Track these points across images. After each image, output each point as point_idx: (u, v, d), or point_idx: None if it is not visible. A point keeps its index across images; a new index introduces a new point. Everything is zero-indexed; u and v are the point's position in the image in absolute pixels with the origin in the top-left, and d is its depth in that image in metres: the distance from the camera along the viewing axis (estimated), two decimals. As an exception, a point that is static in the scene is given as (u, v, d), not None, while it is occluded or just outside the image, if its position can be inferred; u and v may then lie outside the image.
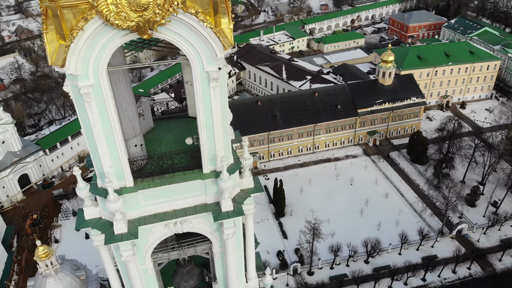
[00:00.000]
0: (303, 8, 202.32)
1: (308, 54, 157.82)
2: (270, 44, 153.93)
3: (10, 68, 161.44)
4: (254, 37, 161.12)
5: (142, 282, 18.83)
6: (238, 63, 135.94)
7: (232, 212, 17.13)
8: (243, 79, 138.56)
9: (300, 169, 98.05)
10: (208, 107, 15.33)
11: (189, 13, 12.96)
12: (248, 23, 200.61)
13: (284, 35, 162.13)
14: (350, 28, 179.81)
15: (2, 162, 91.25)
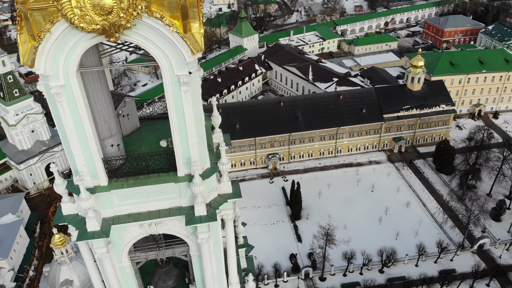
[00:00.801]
0: (336, 9, 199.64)
1: (338, 55, 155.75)
2: (299, 45, 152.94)
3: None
4: (284, 37, 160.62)
5: (119, 279, 19.05)
6: (265, 63, 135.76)
7: (205, 217, 16.99)
8: (270, 79, 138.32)
9: (320, 173, 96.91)
10: (180, 110, 15.25)
11: (154, 17, 12.92)
12: (280, 23, 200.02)
13: (315, 35, 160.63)
14: (384, 30, 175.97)
15: (31, 150, 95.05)
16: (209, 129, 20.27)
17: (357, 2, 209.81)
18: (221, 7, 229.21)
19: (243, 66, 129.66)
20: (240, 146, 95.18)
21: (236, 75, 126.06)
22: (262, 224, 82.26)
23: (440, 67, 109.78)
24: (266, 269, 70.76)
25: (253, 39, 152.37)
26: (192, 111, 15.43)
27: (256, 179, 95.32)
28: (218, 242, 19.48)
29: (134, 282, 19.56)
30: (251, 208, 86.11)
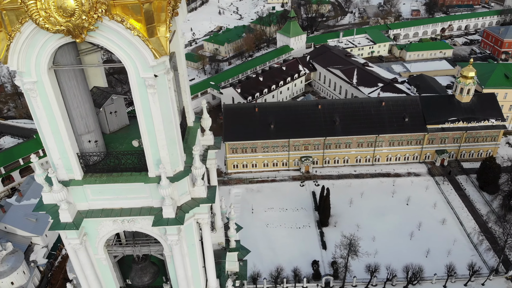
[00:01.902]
0: (392, 12, 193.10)
1: (388, 60, 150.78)
2: (348, 47, 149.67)
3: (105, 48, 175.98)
4: (333, 38, 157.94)
5: (97, 270, 19.66)
6: (309, 64, 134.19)
7: (172, 220, 17.04)
8: (313, 80, 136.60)
9: (354, 180, 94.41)
10: (148, 112, 15.38)
11: (115, 21, 13.12)
12: (331, 24, 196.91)
13: (365, 38, 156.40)
14: (439, 37, 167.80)
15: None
16: (195, 131, 20.31)
17: (414, 6, 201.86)
18: (274, 5, 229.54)
19: (287, 66, 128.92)
20: (274, 147, 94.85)
21: (278, 74, 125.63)
22: (288, 227, 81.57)
23: (493, 79, 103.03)
24: (285, 272, 70.15)
25: (301, 39, 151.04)
26: (160, 114, 15.48)
27: (287, 181, 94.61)
28: (193, 245, 19.56)
29: (111, 274, 20.11)
30: (278, 209, 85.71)
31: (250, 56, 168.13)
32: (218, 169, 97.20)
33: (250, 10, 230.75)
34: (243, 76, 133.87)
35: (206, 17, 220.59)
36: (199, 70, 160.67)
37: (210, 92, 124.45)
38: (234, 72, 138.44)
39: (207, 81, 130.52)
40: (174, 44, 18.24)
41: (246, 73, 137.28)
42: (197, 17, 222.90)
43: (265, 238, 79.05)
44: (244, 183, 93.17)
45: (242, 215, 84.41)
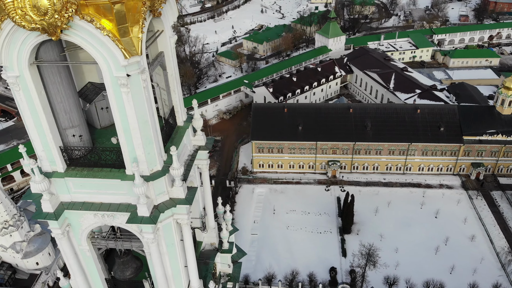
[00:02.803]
0: (439, 17, 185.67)
1: (430, 66, 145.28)
2: (389, 50, 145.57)
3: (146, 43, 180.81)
4: (373, 40, 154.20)
5: (80, 260, 20.20)
6: (346, 66, 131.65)
7: (146, 219, 17.17)
8: (349, 82, 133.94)
9: (383, 189, 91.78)
10: (123, 111, 15.53)
11: (85, 20, 13.36)
12: (374, 26, 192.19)
13: (407, 42, 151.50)
14: (487, 44, 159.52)
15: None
16: (183, 131, 20.34)
17: (463, 11, 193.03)
18: (317, 5, 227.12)
19: (322, 67, 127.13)
20: (301, 148, 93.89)
21: (313, 75, 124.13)
22: (309, 231, 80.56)
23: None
24: (301, 277, 69.37)
25: (339, 41, 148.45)
26: (135, 113, 15.59)
27: (312, 184, 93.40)
28: (172, 244, 19.62)
29: (95, 265, 20.55)
30: (300, 212, 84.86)
31: (288, 55, 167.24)
32: (244, 167, 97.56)
33: (293, 9, 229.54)
34: (277, 75, 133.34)
35: (248, 15, 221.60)
36: (236, 68, 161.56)
37: (243, 90, 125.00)
38: (268, 71, 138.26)
39: (241, 79, 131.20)
40: (163, 43, 18.39)
41: (280, 72, 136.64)
42: (239, 15, 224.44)
43: (284, 240, 78.55)
44: (268, 183, 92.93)
45: (264, 215, 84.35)
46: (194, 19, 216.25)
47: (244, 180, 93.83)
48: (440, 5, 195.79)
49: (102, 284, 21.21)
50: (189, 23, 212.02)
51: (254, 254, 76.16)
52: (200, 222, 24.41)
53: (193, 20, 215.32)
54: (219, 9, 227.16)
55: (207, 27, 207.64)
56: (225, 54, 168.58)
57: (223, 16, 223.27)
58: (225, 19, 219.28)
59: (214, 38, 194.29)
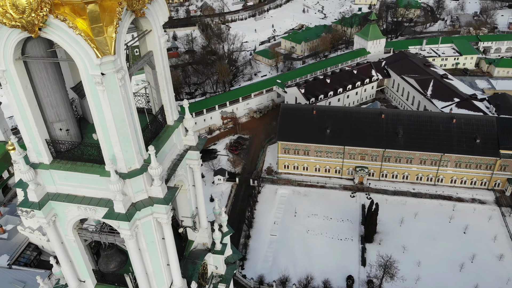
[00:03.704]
0: (486, 23, 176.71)
1: (473, 74, 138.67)
2: (430, 56, 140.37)
3: (186, 39, 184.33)
4: (415, 45, 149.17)
5: (68, 250, 20.83)
6: (384, 70, 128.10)
7: (121, 215, 17.45)
8: (386, 87, 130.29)
9: (411, 199, 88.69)
10: (100, 109, 15.83)
11: (59, 19, 13.71)
12: (419, 30, 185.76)
13: (451, 48, 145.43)
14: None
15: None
16: (172, 130, 20.45)
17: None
18: (361, 7, 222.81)
19: (358, 70, 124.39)
20: (327, 152, 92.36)
21: (348, 78, 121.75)
22: (329, 237, 79.18)
23: None
24: (316, 282, 68.37)
25: (379, 44, 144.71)
26: (111, 111, 15.86)
27: (337, 189, 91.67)
28: (152, 242, 19.84)
29: (81, 255, 21.11)
30: (322, 217, 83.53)
31: (325, 56, 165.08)
32: (270, 167, 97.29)
33: (336, 10, 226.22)
34: (311, 76, 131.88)
35: (289, 15, 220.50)
36: (272, 67, 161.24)
37: (275, 90, 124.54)
38: (303, 72, 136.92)
39: (274, 78, 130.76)
40: (152, 43, 18.62)
41: (315, 73, 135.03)
42: (281, 14, 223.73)
43: (302, 243, 77.66)
44: (292, 185, 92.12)
45: (284, 217, 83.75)
46: (235, 17, 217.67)
47: (268, 180, 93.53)
48: (489, 11, 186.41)
49: (89, 274, 21.75)
50: (230, 21, 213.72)
51: (271, 255, 75.86)
52: (191, 221, 24.61)
53: (234, 18, 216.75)
54: (260, 7, 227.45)
55: (247, 25, 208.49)
56: (262, 53, 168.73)
57: (264, 14, 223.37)
58: (266, 18, 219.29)
59: (254, 37, 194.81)
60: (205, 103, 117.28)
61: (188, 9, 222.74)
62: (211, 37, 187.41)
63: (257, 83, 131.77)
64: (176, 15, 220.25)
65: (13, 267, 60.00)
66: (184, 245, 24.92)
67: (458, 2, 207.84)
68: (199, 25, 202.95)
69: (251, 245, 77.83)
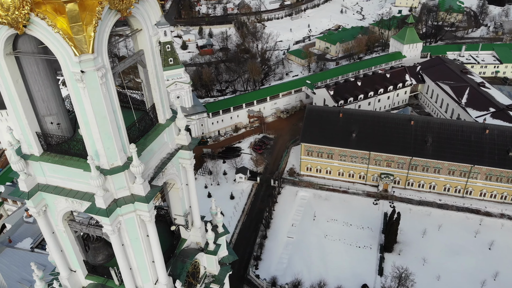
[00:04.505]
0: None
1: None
2: (469, 63, 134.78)
3: (221, 37, 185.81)
4: (454, 50, 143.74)
5: (58, 239, 21.46)
6: (418, 75, 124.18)
7: (101, 210, 17.79)
8: (420, 92, 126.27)
9: (436, 210, 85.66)
10: (82, 105, 16.16)
11: (39, 18, 14.13)
12: (460, 35, 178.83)
13: (491, 56, 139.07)
14: None
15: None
16: (162, 129, 20.55)
17: None
18: (401, 9, 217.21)
19: (392, 73, 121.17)
20: (352, 157, 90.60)
21: (380, 81, 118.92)
22: (347, 244, 77.70)
23: None
24: (328, 287, 67.38)
25: (415, 48, 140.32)
26: (92, 108, 16.15)
27: (360, 196, 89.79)
28: (136, 238, 20.10)
29: (71, 246, 21.70)
30: (342, 223, 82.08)
31: (360, 58, 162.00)
32: (292, 168, 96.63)
33: (375, 12, 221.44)
34: (343, 78, 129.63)
35: (326, 15, 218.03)
36: (304, 67, 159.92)
37: (304, 91, 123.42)
38: (335, 73, 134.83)
39: (305, 79, 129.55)
40: (142, 42, 18.75)
41: (347, 75, 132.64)
42: (317, 14, 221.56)
43: (319, 248, 76.65)
44: (314, 188, 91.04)
45: (303, 220, 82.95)
46: (271, 16, 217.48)
47: (289, 181, 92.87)
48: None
49: (79, 265, 22.30)
50: (266, 19, 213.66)
51: (286, 257, 75.38)
52: (184, 220, 24.77)
53: (270, 17, 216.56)
54: (297, 7, 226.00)
55: (283, 24, 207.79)
56: (295, 52, 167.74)
57: (301, 14, 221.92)
58: (302, 18, 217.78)
59: (288, 36, 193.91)
60: (233, 101, 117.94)
61: (226, 7, 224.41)
62: (246, 35, 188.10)
63: (286, 83, 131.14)
64: (213, 12, 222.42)
65: (35, 250, 62.56)
66: (176, 243, 25.15)
67: (502, 8, 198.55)
68: (235, 23, 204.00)
69: (267, 245, 77.67)
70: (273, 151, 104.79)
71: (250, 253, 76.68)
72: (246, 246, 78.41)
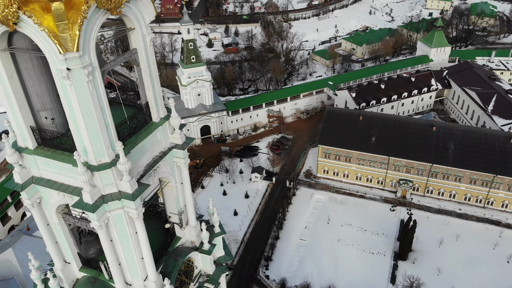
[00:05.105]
0: None
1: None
2: (498, 69, 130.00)
3: (247, 35, 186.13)
4: (483, 56, 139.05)
5: (53, 231, 21.98)
6: (445, 80, 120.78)
7: (87, 206, 18.08)
8: (446, 98, 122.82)
9: (455, 220, 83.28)
10: (70, 102, 16.48)
11: (26, 16, 14.48)
12: (491, 40, 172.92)
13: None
14: None
15: (193, 110, 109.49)
16: (154, 127, 20.68)
17: None
18: (432, 12, 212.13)
19: (417, 77, 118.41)
20: (371, 161, 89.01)
21: (404, 85, 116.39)
22: (360, 249, 76.47)
23: None
24: (337, 292, 66.61)
25: (443, 52, 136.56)
26: (79, 105, 16.42)
27: (377, 201, 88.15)
28: (125, 235, 20.34)
29: (65, 238, 22.18)
30: (356, 228, 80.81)
31: (386, 61, 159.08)
32: (309, 170, 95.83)
33: (405, 14, 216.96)
34: (366, 80, 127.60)
35: (354, 16, 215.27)
36: (328, 68, 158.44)
37: (326, 92, 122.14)
38: (359, 75, 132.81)
39: (327, 79, 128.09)
40: (135, 41, 18.92)
41: (371, 77, 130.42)
42: (345, 14, 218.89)
43: (331, 252, 75.75)
44: (330, 191, 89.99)
45: (317, 223, 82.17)
46: (298, 15, 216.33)
47: (305, 183, 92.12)
48: None
49: (73, 257, 22.76)
50: (293, 19, 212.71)
51: (297, 259, 74.89)
52: (178, 218, 24.90)
53: (297, 16, 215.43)
54: (325, 7, 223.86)
55: (309, 24, 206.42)
56: (320, 53, 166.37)
57: (328, 14, 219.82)
58: (330, 18, 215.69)
59: (315, 36, 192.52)
60: (253, 100, 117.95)
61: (253, 6, 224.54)
62: (272, 34, 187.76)
63: (308, 84, 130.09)
64: (241, 11, 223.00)
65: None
66: (170, 240, 25.31)
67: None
68: (261, 22, 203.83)
69: (278, 246, 77.37)
70: (290, 152, 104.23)
71: (261, 253, 76.59)
72: (258, 246, 78.38)
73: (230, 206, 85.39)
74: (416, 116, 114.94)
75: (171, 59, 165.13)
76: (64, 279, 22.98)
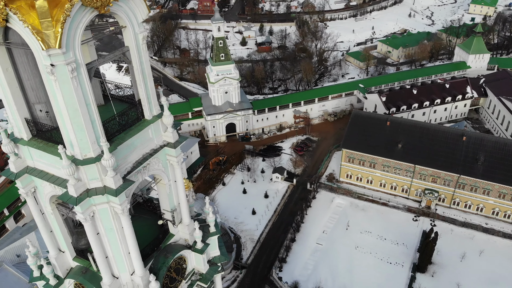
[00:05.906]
0: None
1: None
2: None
3: (281, 35, 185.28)
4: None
5: (48, 220, 22.69)
6: (481, 88, 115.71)
7: (72, 198, 18.54)
8: (481, 107, 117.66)
9: (480, 234, 79.78)
10: (55, 97, 16.95)
11: (12, 13, 15.00)
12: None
13: None
14: None
15: (220, 107, 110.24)
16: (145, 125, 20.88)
17: None
18: (474, 17, 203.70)
19: (451, 84, 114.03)
20: (396, 168, 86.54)
21: (438, 91, 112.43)
22: (378, 258, 74.59)
23: None
24: (350, 299, 65.34)
25: (482, 59, 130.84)
26: (63, 100, 16.84)
27: (400, 210, 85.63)
28: (111, 229, 20.71)
29: (58, 228, 22.79)
30: (376, 236, 78.86)
31: (422, 65, 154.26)
32: (332, 174, 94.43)
33: (446, 18, 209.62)
34: (399, 84, 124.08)
35: (392, 18, 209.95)
36: (362, 70, 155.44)
37: (355, 95, 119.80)
38: (391, 79, 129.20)
39: (358, 82, 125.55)
40: (127, 39, 19.17)
41: (404, 82, 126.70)
42: (383, 16, 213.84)
43: (347, 259, 74.34)
44: (351, 197, 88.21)
45: (335, 228, 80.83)
46: (334, 16, 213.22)
47: (326, 186, 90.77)
48: None
49: (67, 247, 23.39)
50: (329, 19, 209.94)
51: (312, 263, 73.98)
52: (171, 215, 25.09)
53: (334, 17, 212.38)
54: (363, 8, 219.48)
55: (346, 25, 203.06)
56: (354, 54, 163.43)
57: (366, 15, 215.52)
58: (367, 19, 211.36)
59: (350, 37, 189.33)
60: (279, 100, 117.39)
61: (289, 5, 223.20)
62: (306, 34, 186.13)
63: (338, 85, 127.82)
64: (276, 10, 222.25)
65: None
66: (162, 237, 25.57)
67: None
68: (296, 22, 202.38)
69: (294, 249, 76.73)
70: (314, 154, 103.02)
71: (276, 254, 76.23)
72: (274, 246, 78.07)
73: (249, 204, 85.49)
74: (449, 124, 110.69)
75: (204, 56, 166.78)
76: (58, 267, 23.65)
